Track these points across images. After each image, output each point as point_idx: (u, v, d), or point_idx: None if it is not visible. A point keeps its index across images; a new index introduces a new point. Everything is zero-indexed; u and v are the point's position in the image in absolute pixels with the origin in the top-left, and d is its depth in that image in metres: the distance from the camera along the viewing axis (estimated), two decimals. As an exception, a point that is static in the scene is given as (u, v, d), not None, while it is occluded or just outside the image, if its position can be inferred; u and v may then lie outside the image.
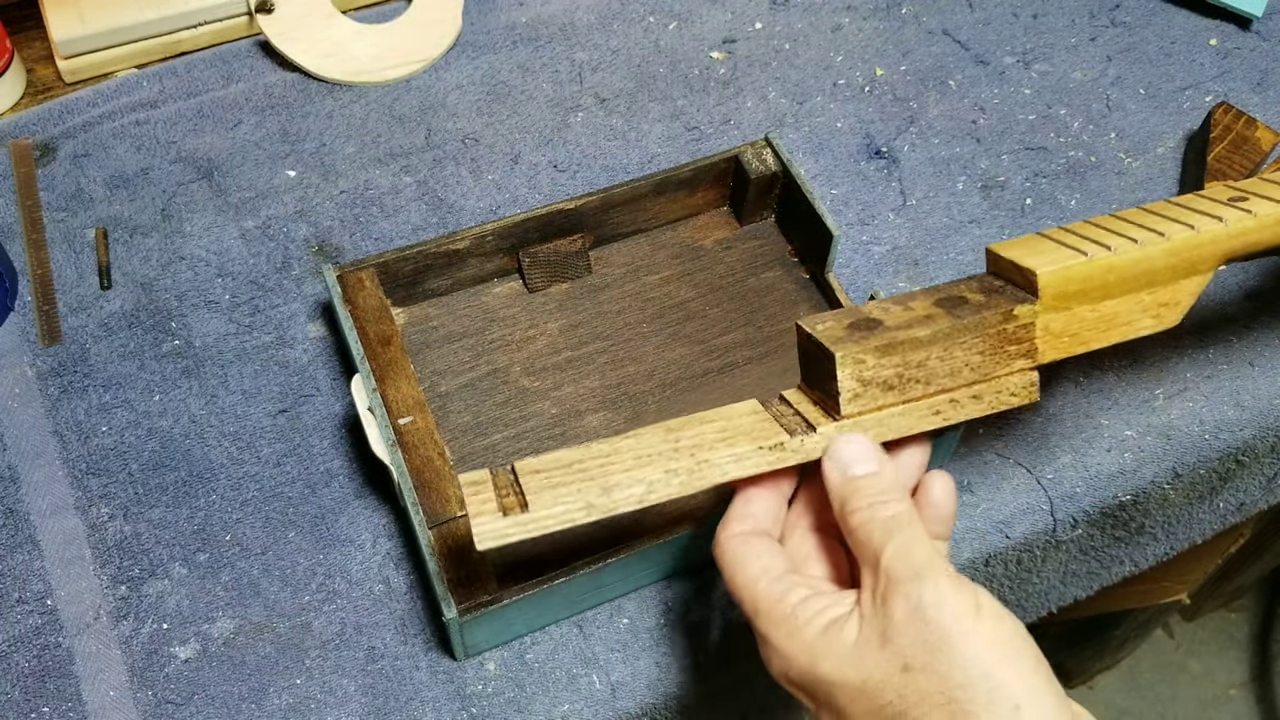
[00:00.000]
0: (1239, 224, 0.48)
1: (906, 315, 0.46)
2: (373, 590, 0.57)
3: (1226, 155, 0.70)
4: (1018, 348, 0.46)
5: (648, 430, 0.47)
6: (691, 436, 0.46)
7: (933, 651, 0.38)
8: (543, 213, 0.64)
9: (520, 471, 0.46)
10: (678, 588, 0.58)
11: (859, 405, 0.45)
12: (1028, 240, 0.49)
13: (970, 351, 0.45)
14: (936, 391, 0.45)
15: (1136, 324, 0.48)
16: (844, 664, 0.39)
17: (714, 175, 0.68)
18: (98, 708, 0.53)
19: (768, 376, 0.63)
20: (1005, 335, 0.46)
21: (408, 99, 0.76)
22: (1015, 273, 0.47)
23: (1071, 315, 0.47)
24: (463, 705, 0.54)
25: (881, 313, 0.47)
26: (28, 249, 0.68)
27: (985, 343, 0.45)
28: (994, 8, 0.83)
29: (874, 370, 0.45)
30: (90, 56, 0.77)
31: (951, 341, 0.45)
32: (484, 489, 0.46)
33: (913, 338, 0.45)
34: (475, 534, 0.44)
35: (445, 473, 0.55)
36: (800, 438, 0.45)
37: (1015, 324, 0.46)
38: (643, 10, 0.82)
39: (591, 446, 0.47)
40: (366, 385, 0.57)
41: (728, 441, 0.45)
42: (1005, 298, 0.46)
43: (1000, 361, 0.46)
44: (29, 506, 0.59)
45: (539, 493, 0.44)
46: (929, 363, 0.45)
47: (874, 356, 0.44)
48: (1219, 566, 1.16)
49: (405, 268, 0.63)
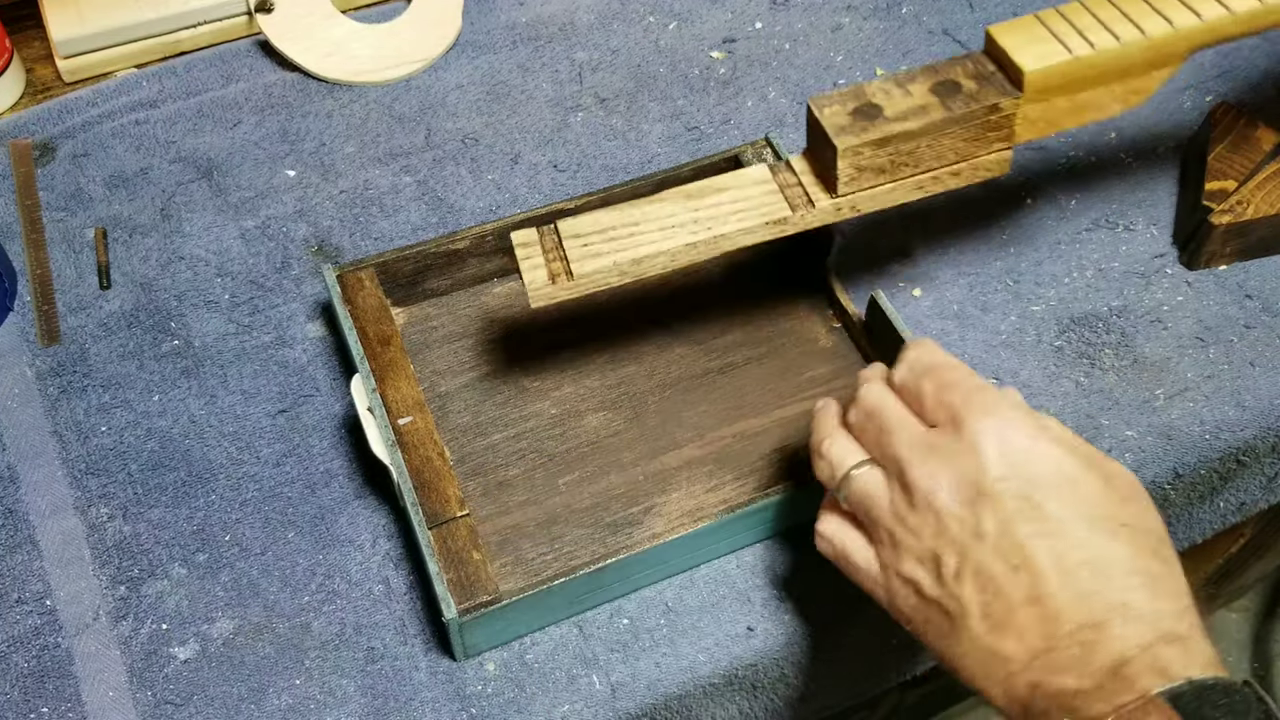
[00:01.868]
0: (1214, 19, 0.52)
1: (904, 103, 0.52)
2: (372, 590, 0.57)
3: (1226, 155, 0.70)
4: (997, 133, 0.53)
5: (670, 196, 0.54)
6: (709, 207, 0.53)
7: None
8: (543, 213, 0.64)
9: (564, 234, 0.53)
10: (678, 588, 0.57)
11: (854, 186, 0.52)
12: (1024, 24, 0.53)
13: (956, 139, 0.52)
14: (922, 171, 0.53)
15: (1107, 109, 0.54)
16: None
17: (714, 175, 0.67)
18: (97, 708, 0.53)
19: (768, 377, 0.63)
20: (989, 124, 0.52)
21: (407, 99, 0.76)
22: (1006, 61, 0.52)
23: (1049, 105, 0.53)
24: (462, 705, 0.54)
25: (883, 96, 0.52)
26: (27, 249, 0.68)
27: (970, 131, 0.52)
28: (994, 8, 0.83)
29: (870, 159, 0.51)
30: (90, 56, 0.77)
31: (941, 132, 0.51)
32: (533, 251, 0.53)
33: (907, 130, 0.51)
34: (530, 295, 0.52)
35: (445, 473, 0.55)
36: (801, 213, 0.53)
37: (999, 115, 0.52)
38: (643, 10, 0.82)
39: (623, 210, 0.54)
40: (366, 385, 0.57)
41: (739, 216, 0.52)
42: (993, 87, 0.52)
43: (981, 145, 0.53)
44: (28, 506, 0.59)
45: (580, 260, 0.52)
46: (919, 150, 0.52)
47: (871, 148, 0.51)
48: (1219, 566, 1.16)
49: (405, 268, 0.63)
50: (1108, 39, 0.51)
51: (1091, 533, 0.43)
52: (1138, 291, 0.68)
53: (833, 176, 0.51)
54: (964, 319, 0.67)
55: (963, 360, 0.65)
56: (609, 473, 0.60)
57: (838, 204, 0.52)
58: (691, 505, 0.58)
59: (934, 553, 0.44)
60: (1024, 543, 0.43)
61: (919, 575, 0.45)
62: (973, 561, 0.43)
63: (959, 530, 0.44)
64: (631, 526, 0.58)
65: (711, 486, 0.59)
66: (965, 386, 0.46)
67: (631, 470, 0.60)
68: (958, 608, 0.44)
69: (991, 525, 0.43)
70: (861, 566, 0.48)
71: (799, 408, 0.62)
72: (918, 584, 0.45)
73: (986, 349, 0.66)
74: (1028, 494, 0.43)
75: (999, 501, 0.43)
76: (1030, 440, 0.44)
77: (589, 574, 0.53)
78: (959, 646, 0.44)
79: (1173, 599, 0.42)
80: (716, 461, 0.60)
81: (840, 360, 0.64)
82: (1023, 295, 0.68)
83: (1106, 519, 0.43)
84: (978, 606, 0.43)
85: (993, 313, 0.67)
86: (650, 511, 0.58)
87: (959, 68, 0.53)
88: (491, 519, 0.58)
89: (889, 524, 0.46)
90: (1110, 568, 0.42)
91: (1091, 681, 0.40)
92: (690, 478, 0.59)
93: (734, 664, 0.56)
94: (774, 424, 0.61)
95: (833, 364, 0.64)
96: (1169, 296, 0.68)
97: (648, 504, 0.59)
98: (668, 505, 0.59)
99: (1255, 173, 0.69)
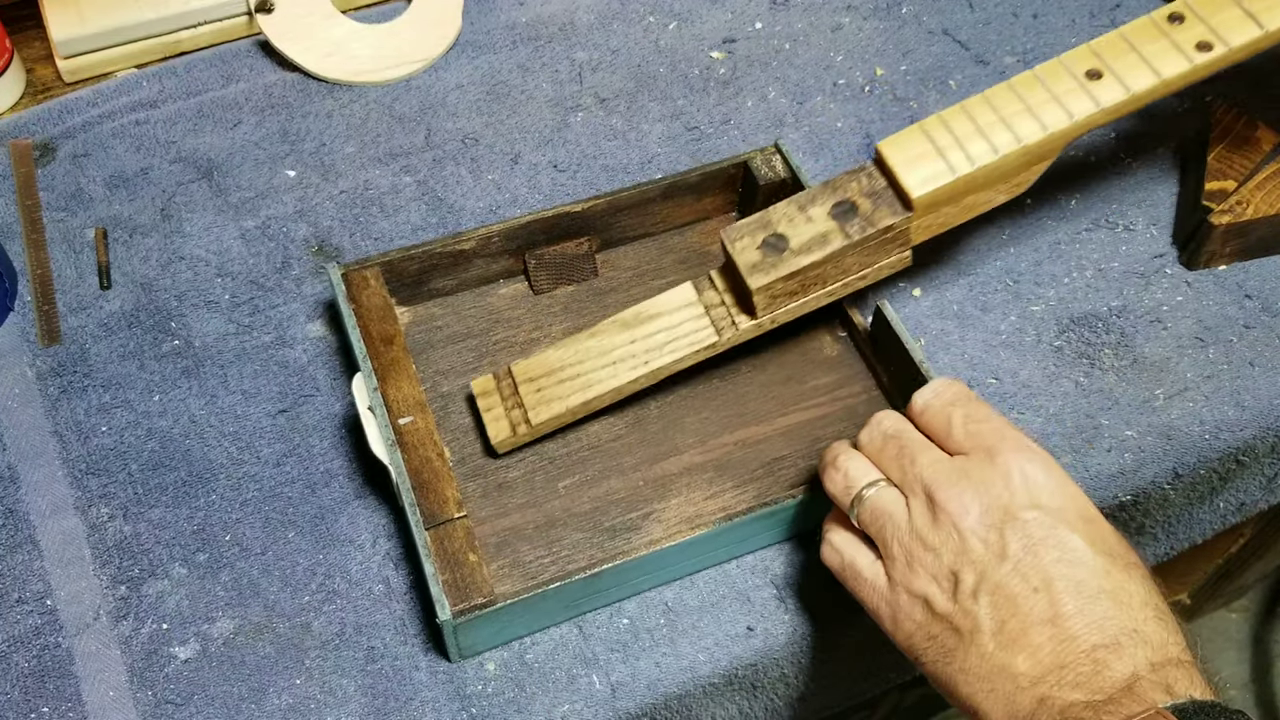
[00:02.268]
0: (1085, 116, 0.56)
1: (808, 231, 0.56)
2: (373, 590, 0.57)
3: (1226, 155, 0.70)
4: (894, 244, 0.57)
5: (607, 328, 0.59)
6: (644, 338, 0.59)
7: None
8: (550, 215, 0.64)
9: (518, 379, 0.59)
10: (678, 588, 0.57)
11: (771, 310, 0.58)
12: (910, 138, 0.56)
13: (858, 257, 0.57)
14: (830, 284, 0.58)
15: (993, 202, 0.58)
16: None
17: (723, 181, 0.67)
18: (97, 708, 0.53)
19: (771, 385, 0.63)
20: (885, 240, 0.56)
21: (407, 99, 0.76)
22: (895, 180, 0.56)
23: (939, 213, 0.57)
24: (462, 705, 0.54)
25: (787, 224, 0.57)
26: (27, 249, 0.68)
27: (870, 249, 0.57)
28: (994, 8, 0.83)
29: (782, 289, 0.56)
30: (90, 56, 0.77)
31: (843, 255, 0.56)
32: (494, 401, 0.59)
33: (812, 262, 0.55)
34: (495, 445, 0.58)
35: (444, 473, 0.55)
36: (728, 335, 0.58)
37: (894, 232, 0.56)
38: (643, 10, 0.82)
39: (568, 348, 0.59)
40: (368, 384, 0.57)
41: (671, 346, 0.58)
42: (886, 207, 0.56)
43: (881, 255, 0.57)
44: (29, 506, 0.59)
45: (535, 408, 0.58)
46: (825, 272, 0.57)
47: (782, 282, 0.56)
48: (1219, 566, 1.16)
49: (410, 267, 0.63)
50: (985, 151, 0.55)
51: (1110, 567, 0.45)
52: (1137, 291, 0.68)
53: (750, 305, 0.57)
54: (964, 319, 0.67)
55: (963, 360, 0.66)
56: (609, 477, 0.60)
57: (759, 323, 0.58)
58: (691, 512, 0.58)
59: (952, 571, 0.46)
60: (1047, 567, 0.44)
61: (932, 592, 0.46)
62: (992, 581, 0.45)
63: (983, 551, 0.45)
64: (630, 532, 0.58)
65: (711, 494, 0.59)
66: (999, 422, 0.49)
67: (631, 475, 0.60)
68: (970, 624, 0.45)
69: (1016, 548, 0.45)
70: (868, 580, 0.49)
71: (802, 416, 0.62)
72: (929, 600, 0.46)
73: (986, 349, 0.66)
74: (1054, 525, 0.45)
75: (1026, 528, 0.45)
76: (1060, 481, 0.47)
77: (585, 579, 0.53)
78: (963, 663, 0.45)
79: (1177, 634, 0.44)
80: (717, 469, 0.60)
81: (845, 369, 0.64)
82: (1022, 295, 0.68)
83: (1123, 559, 0.45)
84: (992, 623, 0.44)
85: (992, 313, 0.67)
86: (649, 517, 0.58)
87: (854, 184, 0.56)
88: (490, 521, 0.58)
89: (905, 541, 0.47)
90: (1127, 598, 0.44)
91: (1102, 696, 0.41)
92: (690, 484, 0.59)
93: (734, 664, 0.56)
94: (776, 432, 0.61)
95: (837, 373, 0.64)
96: (1169, 296, 0.68)
97: (647, 509, 0.59)
98: (667, 511, 0.58)
99: (1255, 173, 0.69)
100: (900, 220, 0.56)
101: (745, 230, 0.57)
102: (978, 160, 0.55)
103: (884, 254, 0.57)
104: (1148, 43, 0.57)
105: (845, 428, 0.62)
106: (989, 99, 0.56)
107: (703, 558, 0.57)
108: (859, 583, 0.49)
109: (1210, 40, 0.57)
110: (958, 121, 0.56)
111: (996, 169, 0.55)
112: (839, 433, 0.61)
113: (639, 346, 0.59)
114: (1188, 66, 0.56)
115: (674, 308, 0.59)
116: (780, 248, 0.56)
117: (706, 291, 0.59)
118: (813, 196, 0.57)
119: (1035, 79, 0.57)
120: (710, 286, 0.59)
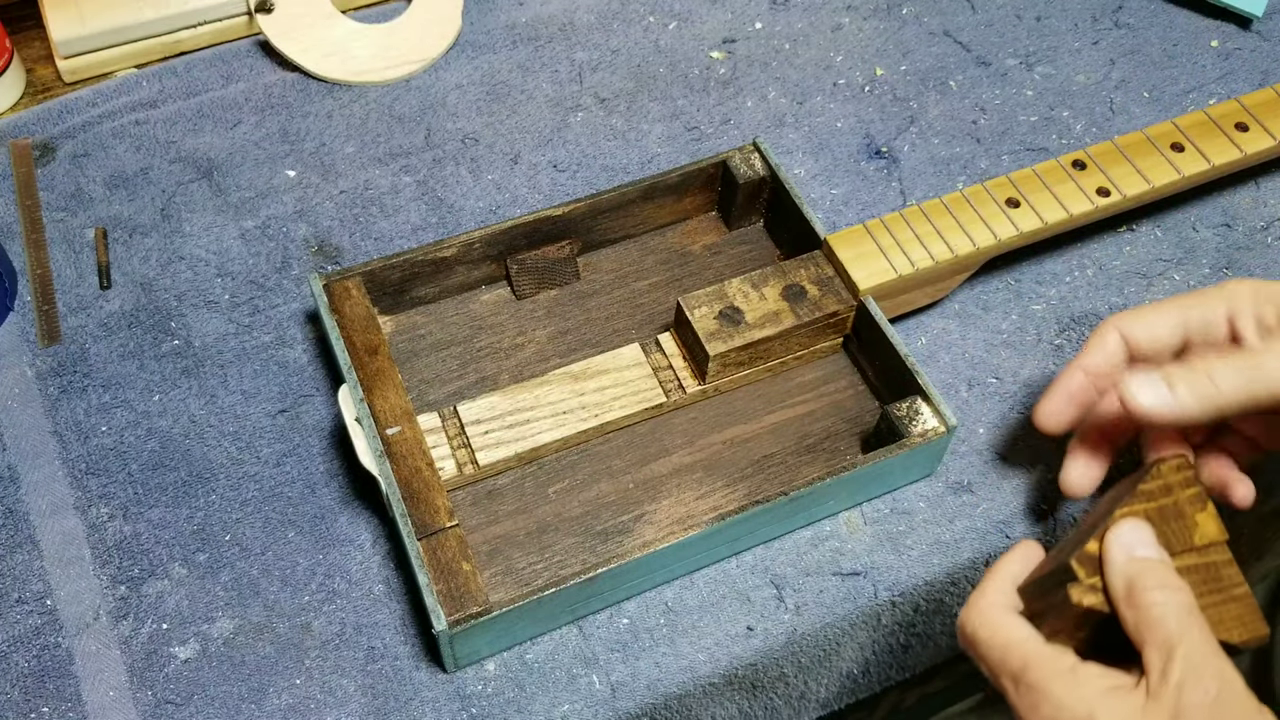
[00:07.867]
0: (1007, 238, 0.63)
1: (761, 308, 0.61)
2: (373, 590, 0.57)
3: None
4: (835, 328, 0.63)
5: (557, 379, 0.61)
6: (593, 392, 0.61)
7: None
8: (531, 219, 0.64)
9: (465, 420, 0.60)
10: (677, 588, 0.57)
11: (720, 376, 0.61)
12: (856, 236, 0.63)
13: (804, 335, 0.62)
14: (774, 359, 0.62)
15: (916, 302, 0.65)
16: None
17: (702, 180, 0.67)
18: (97, 708, 0.53)
19: (757, 383, 0.63)
20: (829, 324, 0.62)
21: (407, 99, 0.76)
22: (842, 271, 0.62)
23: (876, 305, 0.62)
24: (462, 705, 0.54)
25: (743, 299, 0.61)
26: (27, 249, 0.68)
27: (814, 330, 0.62)
28: (996, 9, 0.83)
29: (733, 358, 0.61)
30: (90, 56, 0.77)
31: (791, 333, 0.61)
32: (440, 439, 0.59)
33: (765, 336, 0.60)
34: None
35: (434, 483, 0.55)
36: (675, 398, 0.61)
37: (838, 318, 0.62)
38: (643, 10, 0.82)
39: (516, 394, 0.61)
40: (354, 395, 0.57)
41: (621, 402, 0.61)
42: (832, 294, 0.62)
43: (822, 337, 0.63)
44: (28, 506, 0.59)
45: (483, 450, 0.59)
46: (774, 347, 0.61)
47: (736, 351, 0.60)
48: (1219, 567, 1.15)
49: (392, 275, 0.63)
50: (923, 256, 0.62)
51: None
52: (1139, 290, 0.68)
53: (703, 369, 0.61)
54: (965, 318, 0.67)
55: (963, 359, 0.66)
56: (599, 480, 0.59)
57: (704, 389, 0.62)
58: (682, 512, 0.58)
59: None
60: None
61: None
62: None
63: None
64: (622, 535, 0.58)
65: (702, 493, 0.59)
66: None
67: (621, 478, 0.60)
68: None
69: None
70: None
71: (789, 413, 0.62)
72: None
73: (987, 348, 0.66)
74: None
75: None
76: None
77: (579, 584, 0.52)
78: None
79: None
80: (706, 468, 0.60)
81: (830, 365, 0.64)
82: (1023, 294, 0.68)
83: None
84: None
85: (993, 312, 0.67)
86: (641, 519, 0.58)
87: (804, 270, 0.62)
88: (481, 528, 0.58)
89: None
90: None
91: None
92: (680, 485, 0.59)
93: (734, 664, 0.56)
94: (764, 430, 0.61)
95: (821, 370, 0.64)
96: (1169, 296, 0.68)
97: (638, 512, 0.58)
98: (658, 513, 0.58)
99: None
100: (844, 308, 0.61)
101: (703, 300, 0.61)
102: (917, 263, 0.62)
103: (825, 337, 0.63)
104: (1057, 183, 0.65)
105: (833, 423, 0.62)
106: (924, 211, 0.64)
107: (697, 558, 0.57)
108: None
109: (1108, 188, 0.65)
110: (897, 228, 0.63)
111: (930, 272, 0.63)
112: (827, 428, 0.61)
113: (588, 400, 0.61)
114: (1091, 207, 0.64)
115: (623, 366, 0.62)
116: (736, 320, 0.60)
117: (654, 354, 0.63)
118: (765, 277, 0.62)
119: (964, 199, 0.64)
120: (658, 350, 0.63)
